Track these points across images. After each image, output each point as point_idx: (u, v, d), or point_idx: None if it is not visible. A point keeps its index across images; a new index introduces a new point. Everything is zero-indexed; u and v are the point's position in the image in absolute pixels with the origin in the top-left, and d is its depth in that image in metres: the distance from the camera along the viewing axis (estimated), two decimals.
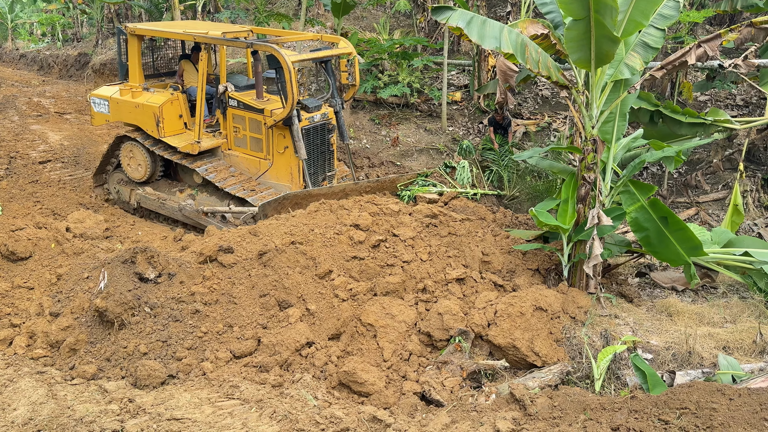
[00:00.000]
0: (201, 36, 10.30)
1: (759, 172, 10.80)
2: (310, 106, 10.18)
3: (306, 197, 9.23)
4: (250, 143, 10.54)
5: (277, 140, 10.20)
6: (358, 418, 5.09)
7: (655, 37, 7.50)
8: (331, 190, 9.46)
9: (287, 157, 10.15)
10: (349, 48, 10.78)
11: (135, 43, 11.05)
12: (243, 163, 10.69)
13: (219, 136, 10.86)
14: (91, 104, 11.60)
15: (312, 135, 10.29)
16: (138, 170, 11.18)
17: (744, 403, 4.71)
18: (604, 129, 7.68)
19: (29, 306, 7.20)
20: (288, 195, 9.11)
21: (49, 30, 27.50)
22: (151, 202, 10.89)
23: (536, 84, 14.68)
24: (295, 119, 9.75)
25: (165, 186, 11.29)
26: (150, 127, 10.77)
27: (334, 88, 10.74)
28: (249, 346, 6.42)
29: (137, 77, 11.25)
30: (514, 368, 6.57)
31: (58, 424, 4.98)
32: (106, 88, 11.65)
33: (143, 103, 10.78)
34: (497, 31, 6.82)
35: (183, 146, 10.52)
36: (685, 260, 7.55)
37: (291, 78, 9.33)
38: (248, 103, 10.32)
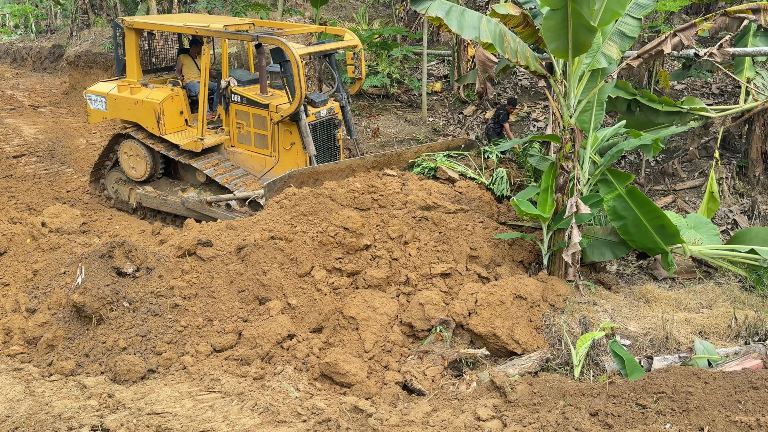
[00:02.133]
0: (203, 29, 9.93)
1: (734, 159, 10.96)
2: (317, 100, 9.90)
3: (312, 174, 8.95)
4: (254, 140, 10.26)
5: (284, 136, 9.92)
6: (340, 408, 5.10)
7: (632, 27, 7.55)
8: (337, 166, 9.15)
9: (294, 154, 9.90)
10: (355, 41, 10.56)
11: (132, 38, 10.66)
12: (247, 160, 10.38)
13: (221, 133, 10.54)
14: (87, 101, 11.15)
15: (318, 130, 10.07)
16: (137, 169, 10.81)
17: (719, 386, 4.80)
18: (582, 118, 7.74)
19: (5, 302, 7.09)
20: (293, 173, 8.82)
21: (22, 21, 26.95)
22: (152, 200, 10.57)
23: (515, 74, 14.73)
24: (302, 114, 9.51)
25: (166, 185, 10.95)
26: (150, 125, 10.39)
27: (339, 82, 10.54)
28: (230, 339, 6.39)
29: (135, 73, 10.86)
30: (494, 356, 6.62)
31: (36, 420, 4.92)
32: (102, 84, 11.25)
33: (143, 100, 10.41)
34: (476, 21, 6.83)
35: (185, 144, 10.18)
36: (662, 248, 7.66)
37: (299, 72, 9.08)
38: (252, 98, 10.03)
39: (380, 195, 8.46)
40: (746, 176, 10.72)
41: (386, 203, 8.34)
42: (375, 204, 8.28)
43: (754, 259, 7.67)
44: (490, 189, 9.27)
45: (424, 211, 8.35)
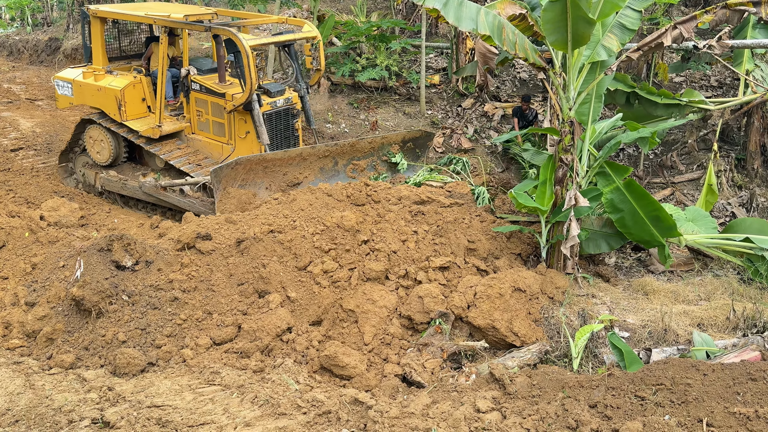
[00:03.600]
0: (161, 19, 10.16)
1: (732, 152, 10.96)
2: (273, 90, 10.07)
3: (260, 162, 9.12)
4: (213, 127, 10.47)
5: (239, 125, 10.10)
6: (340, 400, 5.11)
7: (632, 19, 7.53)
8: (287, 154, 9.35)
9: (249, 142, 10.05)
10: (314, 32, 10.67)
11: (98, 26, 10.96)
12: (206, 147, 10.62)
13: (183, 120, 10.79)
14: (56, 87, 11.50)
15: (275, 120, 10.19)
16: (102, 154, 11.09)
17: (717, 378, 4.82)
18: (581, 111, 7.73)
19: (4, 296, 7.08)
20: (240, 160, 8.99)
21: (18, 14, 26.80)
22: (113, 184, 10.85)
23: (514, 66, 14.69)
24: (255, 104, 9.63)
25: (129, 170, 11.23)
26: (112, 111, 10.68)
27: (298, 72, 10.64)
28: (229, 332, 6.39)
29: (101, 60, 11.16)
30: (493, 349, 6.64)
31: (37, 414, 4.93)
32: (69, 71, 11.53)
33: (105, 87, 10.68)
34: (474, 13, 6.80)
35: (144, 130, 10.45)
36: (659, 241, 7.67)
37: (249, 62, 9.22)
38: (210, 87, 10.24)
39: (374, 191, 8.48)
40: (745, 169, 10.72)
41: (380, 198, 8.37)
42: (369, 199, 8.31)
43: (749, 248, 7.69)
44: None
45: (419, 205, 8.37)
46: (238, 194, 8.98)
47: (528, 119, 11.74)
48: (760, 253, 7.61)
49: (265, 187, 9.36)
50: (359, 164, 10.11)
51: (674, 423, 4.44)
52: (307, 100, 10.80)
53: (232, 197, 8.92)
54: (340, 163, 9.96)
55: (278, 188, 9.42)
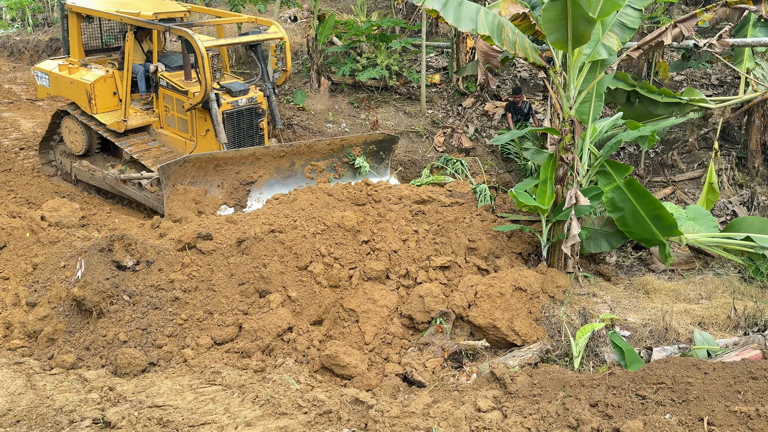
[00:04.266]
0: (126, 17, 10.45)
1: (733, 150, 10.95)
2: (234, 90, 10.14)
3: (210, 160, 9.24)
4: (178, 123, 10.67)
5: (199, 123, 10.26)
6: (341, 400, 5.11)
7: (632, 17, 7.53)
8: (239, 153, 9.44)
9: (209, 140, 10.19)
10: (280, 33, 10.82)
11: (74, 20, 11.29)
12: (172, 142, 10.83)
13: (152, 114, 11.02)
14: (35, 77, 11.83)
15: (237, 119, 10.29)
16: (76, 144, 11.36)
17: (718, 376, 4.82)
18: (581, 109, 7.72)
19: (5, 296, 7.09)
20: (189, 158, 9.13)
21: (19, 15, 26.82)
22: (83, 173, 11.09)
23: (514, 66, 14.68)
24: (213, 103, 9.74)
25: (101, 160, 11.47)
26: (83, 103, 10.93)
27: (264, 72, 10.77)
28: (230, 332, 6.40)
29: (77, 53, 11.49)
30: (494, 348, 6.64)
31: (38, 414, 4.94)
32: (48, 62, 11.85)
33: (77, 80, 10.94)
34: (473, 13, 6.80)
35: (111, 123, 10.69)
36: (660, 240, 7.66)
37: (204, 63, 9.41)
38: (175, 84, 10.40)
39: (374, 190, 8.48)
40: (745, 167, 10.71)
41: (381, 198, 8.37)
42: (370, 199, 8.31)
43: (749, 247, 7.68)
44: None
45: (419, 204, 8.37)
46: (188, 191, 9.13)
47: (523, 112, 11.69)
48: (760, 252, 7.61)
49: (216, 185, 9.49)
50: (318, 165, 10.09)
51: (675, 422, 4.44)
52: (273, 100, 10.92)
53: (181, 194, 9.08)
54: (297, 163, 9.97)
55: (231, 186, 9.56)
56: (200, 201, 9.12)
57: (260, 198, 9.62)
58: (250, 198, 9.57)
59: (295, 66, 15.25)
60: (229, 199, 9.45)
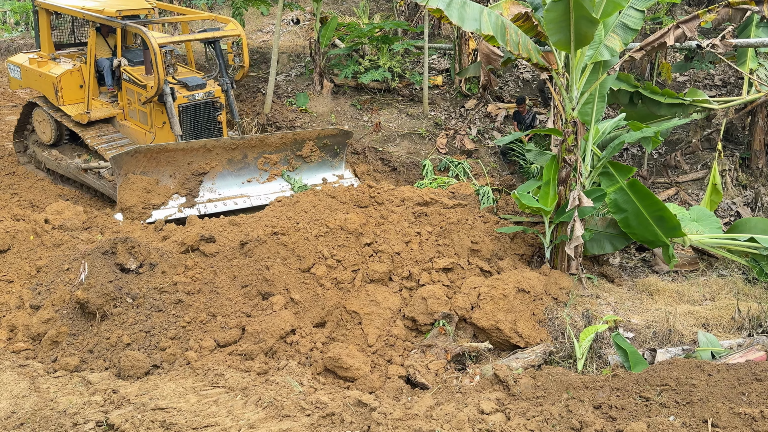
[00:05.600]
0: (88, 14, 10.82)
1: (737, 151, 10.92)
2: (191, 84, 10.52)
3: (160, 151, 9.56)
4: (138, 115, 11.01)
5: (156, 115, 10.61)
6: (344, 402, 5.11)
7: (635, 18, 7.51)
8: (189, 145, 9.77)
9: (166, 132, 10.51)
10: (237, 30, 11.29)
11: (43, 16, 11.72)
12: (133, 134, 11.17)
13: (116, 107, 11.39)
14: (8, 69, 12.34)
15: (193, 112, 10.64)
16: (45, 134, 11.75)
17: (722, 378, 4.80)
18: (584, 111, 7.71)
19: (9, 299, 7.10)
20: (140, 148, 9.45)
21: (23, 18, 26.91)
22: (51, 162, 11.44)
23: (517, 67, 14.68)
24: (168, 97, 10.09)
25: (69, 150, 11.75)
26: (51, 95, 11.30)
27: (222, 67, 11.11)
28: (233, 334, 6.40)
29: (46, 47, 11.91)
30: (497, 350, 6.63)
31: (42, 416, 4.94)
32: (20, 56, 12.40)
33: (45, 73, 11.34)
34: (477, 13, 6.79)
35: (75, 115, 11.05)
36: (663, 241, 7.64)
37: (156, 59, 9.75)
38: (135, 78, 10.74)
39: (377, 192, 8.48)
40: (749, 168, 10.68)
41: (383, 200, 8.36)
42: (372, 201, 8.31)
43: (753, 248, 7.66)
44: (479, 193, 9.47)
45: (422, 206, 8.36)
46: (140, 181, 9.48)
47: (526, 123, 11.61)
48: (765, 253, 7.58)
49: (169, 175, 9.80)
50: (271, 158, 10.48)
51: (679, 424, 4.42)
52: (231, 94, 11.29)
53: (133, 183, 9.43)
54: (250, 156, 10.33)
55: (183, 177, 9.87)
56: (152, 190, 9.51)
57: (212, 188, 10.03)
58: (202, 188, 9.95)
59: (298, 68, 15.28)
60: (181, 189, 9.79)
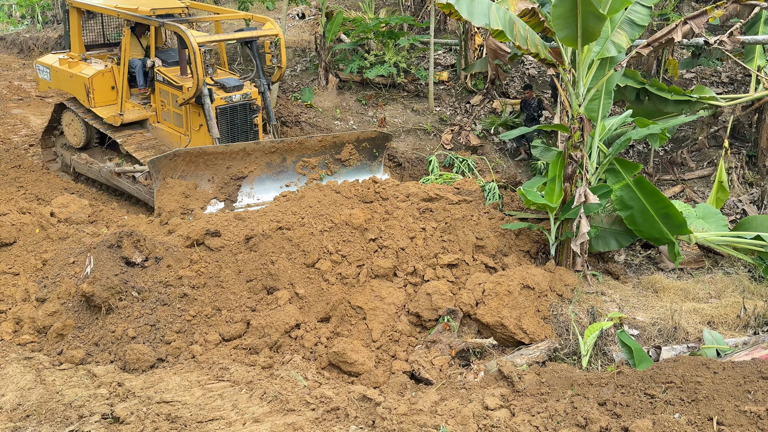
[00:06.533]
0: (123, 12, 10.54)
1: (743, 148, 10.88)
2: (228, 85, 10.23)
3: (200, 155, 9.30)
4: (173, 118, 10.74)
5: (193, 117, 10.32)
6: (348, 397, 5.12)
7: (642, 15, 7.48)
8: (229, 148, 9.50)
9: (203, 135, 10.26)
10: (275, 30, 10.86)
11: (74, 15, 11.45)
12: (167, 137, 10.89)
13: (149, 109, 11.11)
14: (37, 71, 12.03)
15: (230, 114, 10.35)
16: (75, 137, 11.49)
17: (728, 376, 4.79)
18: (590, 107, 7.68)
19: (15, 292, 7.13)
20: (179, 152, 9.18)
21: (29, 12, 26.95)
22: (81, 166, 11.22)
23: (523, 63, 14.64)
24: (206, 98, 9.82)
25: (99, 153, 11.54)
26: (82, 97, 11.06)
27: (259, 68, 10.82)
28: (238, 328, 6.41)
29: (77, 47, 11.66)
30: (502, 346, 6.62)
31: (47, 409, 4.97)
32: (50, 56, 12.05)
33: (76, 74, 11.09)
34: (486, 8, 6.77)
35: (107, 117, 10.79)
36: (669, 239, 7.62)
37: (196, 59, 9.48)
38: (170, 79, 10.48)
39: (382, 188, 8.47)
40: (756, 166, 10.64)
41: (388, 195, 8.35)
42: (378, 196, 8.30)
43: (759, 246, 7.63)
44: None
45: (427, 202, 8.34)
46: (178, 185, 9.19)
47: (532, 106, 11.70)
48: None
49: (207, 179, 9.54)
50: (310, 161, 10.15)
51: (684, 421, 4.42)
52: (267, 96, 10.97)
53: (171, 187, 9.13)
54: (288, 159, 10.03)
55: (221, 181, 9.61)
56: (190, 195, 9.20)
57: (251, 193, 9.73)
58: (241, 193, 9.65)
59: (303, 63, 15.26)
60: (220, 194, 9.52)
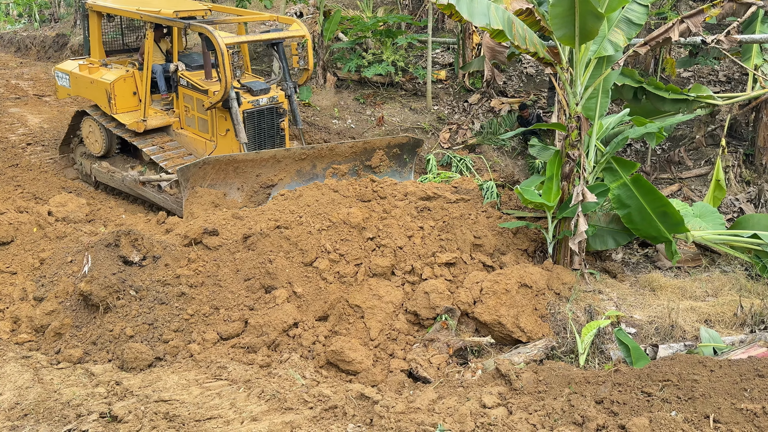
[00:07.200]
0: (146, 14, 10.29)
1: (741, 147, 10.89)
2: (255, 89, 9.93)
3: (230, 162, 9.05)
4: (198, 123, 10.49)
5: (219, 122, 10.05)
6: (346, 395, 5.13)
7: (639, 13, 7.49)
8: (259, 155, 9.24)
9: (229, 140, 9.97)
10: (302, 30, 10.55)
11: (94, 19, 11.22)
12: (192, 143, 10.64)
13: (172, 115, 10.86)
14: (56, 78, 11.80)
15: (257, 118, 10.07)
16: (95, 145, 11.23)
17: (725, 374, 4.80)
18: (588, 106, 7.69)
19: (12, 291, 7.13)
20: (209, 160, 8.93)
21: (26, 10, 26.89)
22: (102, 174, 10.97)
23: (521, 62, 14.64)
24: (233, 102, 9.53)
25: (121, 161, 11.32)
26: (103, 103, 10.81)
27: (285, 71, 10.52)
28: (236, 327, 6.42)
29: (97, 53, 11.43)
30: (499, 344, 6.64)
31: (45, 407, 4.97)
32: (69, 62, 11.80)
33: (97, 79, 10.83)
34: (486, 8, 6.77)
35: (130, 123, 10.53)
36: (666, 237, 7.64)
37: (224, 60, 9.19)
38: (195, 83, 10.23)
39: (380, 187, 8.47)
40: (753, 164, 10.66)
41: (386, 194, 8.35)
42: (376, 195, 8.30)
43: (756, 244, 7.65)
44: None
45: (425, 201, 8.35)
46: (207, 194, 8.92)
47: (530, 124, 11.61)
48: (767, 249, 7.57)
49: (237, 188, 9.25)
50: (340, 168, 9.92)
51: (681, 419, 4.43)
52: (294, 100, 10.68)
53: (200, 197, 8.86)
54: (318, 166, 9.76)
55: (251, 189, 9.36)
56: (220, 204, 8.94)
57: None
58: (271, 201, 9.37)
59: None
60: (249, 203, 9.27)
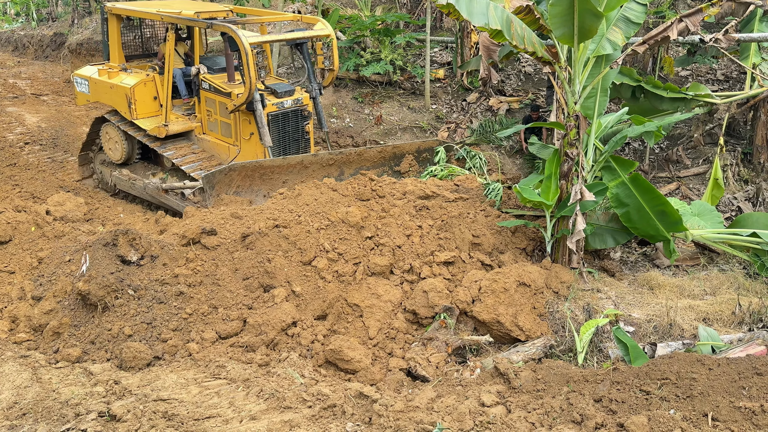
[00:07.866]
0: (167, 16, 10.06)
1: (739, 146, 10.91)
2: (280, 90, 9.70)
3: (256, 169, 8.82)
4: (221, 128, 10.22)
5: (243, 126, 9.80)
6: (345, 394, 5.13)
7: (637, 12, 7.49)
8: (286, 161, 8.99)
9: (253, 144, 9.76)
10: (327, 30, 10.31)
11: (114, 23, 10.91)
12: (214, 148, 10.39)
13: (194, 119, 10.60)
14: (75, 84, 11.59)
15: (282, 121, 9.85)
16: (115, 152, 11.01)
17: (723, 372, 4.81)
18: (586, 105, 7.70)
19: (10, 290, 7.12)
20: (234, 166, 8.73)
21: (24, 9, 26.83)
22: (123, 182, 10.77)
23: (519, 61, 14.65)
24: (258, 104, 9.28)
25: (141, 168, 11.11)
26: (123, 109, 10.56)
27: (310, 72, 10.28)
28: (235, 326, 6.42)
29: (117, 57, 11.13)
30: (498, 343, 6.64)
31: (44, 407, 4.96)
32: (88, 68, 11.59)
33: (117, 84, 10.59)
34: (484, 8, 6.77)
35: (151, 129, 10.29)
36: (665, 236, 7.65)
37: (249, 61, 8.91)
38: (217, 86, 10.00)
39: (378, 186, 8.48)
40: (751, 163, 10.67)
41: (385, 193, 8.35)
42: (374, 194, 8.30)
43: (755, 243, 7.66)
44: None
45: (423, 200, 8.35)
46: (232, 201, 8.78)
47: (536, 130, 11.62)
48: (766, 248, 7.58)
49: (263, 195, 9.06)
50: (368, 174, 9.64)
51: (679, 417, 4.44)
52: (319, 102, 10.40)
53: (226, 204, 8.74)
54: (346, 172, 9.55)
55: None
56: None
57: None
58: None
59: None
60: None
